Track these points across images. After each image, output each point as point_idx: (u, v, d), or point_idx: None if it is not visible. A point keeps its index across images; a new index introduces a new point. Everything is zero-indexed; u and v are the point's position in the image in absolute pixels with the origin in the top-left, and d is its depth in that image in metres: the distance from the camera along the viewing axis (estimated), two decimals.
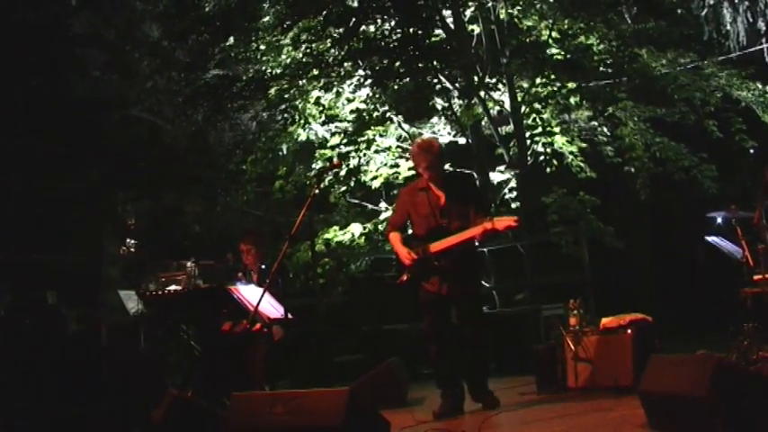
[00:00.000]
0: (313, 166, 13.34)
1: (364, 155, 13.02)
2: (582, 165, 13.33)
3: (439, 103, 13.04)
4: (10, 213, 13.51)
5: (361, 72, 12.41)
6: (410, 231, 7.52)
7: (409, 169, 13.11)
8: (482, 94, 12.58)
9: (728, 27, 13.11)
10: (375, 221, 13.39)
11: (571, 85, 12.68)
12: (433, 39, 12.56)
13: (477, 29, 13.19)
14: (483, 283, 7.90)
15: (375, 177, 13.29)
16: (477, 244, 7.42)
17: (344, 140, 13.01)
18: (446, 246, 7.03)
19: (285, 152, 13.94)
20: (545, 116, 12.89)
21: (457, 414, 7.12)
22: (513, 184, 13.06)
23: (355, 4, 12.35)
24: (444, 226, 7.10)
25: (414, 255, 7.14)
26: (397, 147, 13.35)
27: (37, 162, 13.83)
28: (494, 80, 12.66)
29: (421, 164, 7.20)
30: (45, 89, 14.12)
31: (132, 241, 15.86)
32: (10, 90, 13.67)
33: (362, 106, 13.11)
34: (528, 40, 13.09)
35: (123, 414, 7.46)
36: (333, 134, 13.29)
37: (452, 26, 12.94)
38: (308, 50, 12.68)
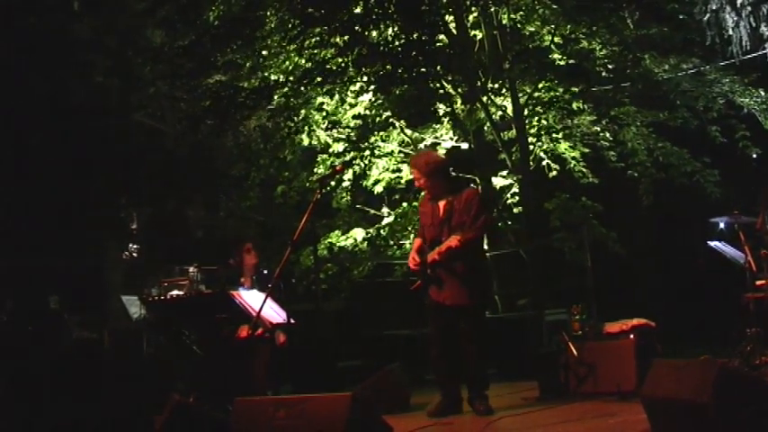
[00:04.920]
0: (315, 171, 13.33)
1: (369, 161, 13.01)
2: (584, 170, 13.33)
3: (442, 108, 13.04)
4: (12, 218, 13.51)
5: (364, 78, 12.39)
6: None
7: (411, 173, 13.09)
8: (485, 99, 12.58)
9: (731, 32, 13.10)
10: (377, 226, 13.37)
11: (574, 89, 12.66)
12: (437, 44, 12.55)
13: (479, 34, 13.19)
14: (488, 294, 7.88)
15: (377, 182, 13.30)
16: (476, 256, 7.50)
17: (347, 146, 13.01)
18: (432, 257, 7.28)
19: (289, 159, 13.91)
20: (548, 121, 12.87)
21: (452, 414, 7.27)
22: (515, 189, 13.05)
23: (358, 11, 12.33)
24: (438, 237, 7.30)
25: (417, 259, 7.36)
26: (400, 152, 13.34)
27: (40, 167, 13.84)
28: (496, 85, 12.65)
29: (417, 178, 7.50)
30: (49, 94, 14.13)
31: (135, 246, 15.87)
32: (14, 95, 13.68)
33: (365, 112, 13.10)
34: (530, 45, 13.09)
35: (126, 420, 7.45)
36: (335, 140, 13.27)
37: (455, 31, 12.94)
38: (312, 56, 12.67)
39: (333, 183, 13.02)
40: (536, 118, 12.68)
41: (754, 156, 13.73)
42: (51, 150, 14.01)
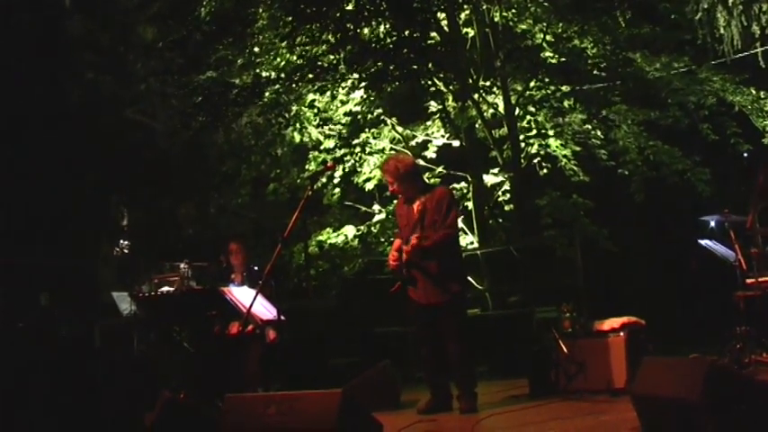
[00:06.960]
0: (306, 168, 13.31)
1: (359, 158, 13.00)
2: (575, 168, 13.33)
3: (433, 105, 13.03)
4: (3, 215, 13.47)
5: (356, 75, 12.37)
6: None
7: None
8: (476, 96, 12.58)
9: (722, 31, 13.08)
10: (368, 223, 13.37)
11: (565, 88, 12.67)
12: (429, 41, 12.54)
13: (471, 32, 13.19)
14: (464, 292, 7.83)
15: (368, 179, 13.29)
16: (451, 254, 7.51)
17: (339, 143, 13.00)
18: (406, 258, 7.38)
19: (281, 154, 13.89)
20: (539, 119, 12.89)
21: (442, 412, 7.34)
22: (506, 186, 13.05)
23: (350, 8, 12.30)
24: (413, 238, 7.35)
25: (396, 254, 7.53)
26: (391, 149, 13.33)
27: (31, 164, 13.79)
28: (488, 83, 12.66)
29: (390, 183, 7.62)
30: (41, 91, 14.08)
31: (125, 242, 15.81)
32: (5, 92, 13.62)
33: (357, 109, 13.08)
34: (522, 43, 13.09)
35: (117, 416, 7.44)
36: (327, 137, 13.26)
37: (447, 29, 12.93)
38: (304, 53, 12.65)
39: (324, 180, 13.01)
40: (527, 117, 12.70)
41: (745, 154, 13.74)
42: (44, 147, 13.96)
